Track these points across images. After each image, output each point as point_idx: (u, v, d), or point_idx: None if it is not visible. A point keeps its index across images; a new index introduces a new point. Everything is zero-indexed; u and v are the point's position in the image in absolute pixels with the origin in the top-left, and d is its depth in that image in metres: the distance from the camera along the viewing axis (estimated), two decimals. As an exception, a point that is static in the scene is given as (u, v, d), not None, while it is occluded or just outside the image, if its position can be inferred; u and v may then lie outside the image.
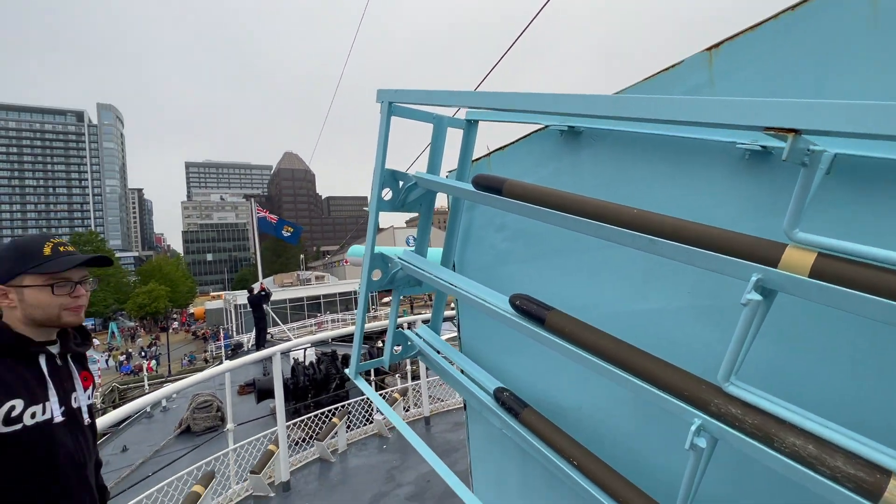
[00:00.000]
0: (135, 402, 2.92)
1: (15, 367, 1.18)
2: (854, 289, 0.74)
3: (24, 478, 1.13)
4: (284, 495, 3.57)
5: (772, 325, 1.08)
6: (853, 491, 0.75)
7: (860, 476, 0.75)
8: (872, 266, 0.74)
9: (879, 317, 0.72)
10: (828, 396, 0.97)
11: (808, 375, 1.04)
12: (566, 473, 1.31)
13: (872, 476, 0.74)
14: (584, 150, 1.50)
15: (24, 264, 1.21)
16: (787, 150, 0.71)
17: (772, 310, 1.03)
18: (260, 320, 10.92)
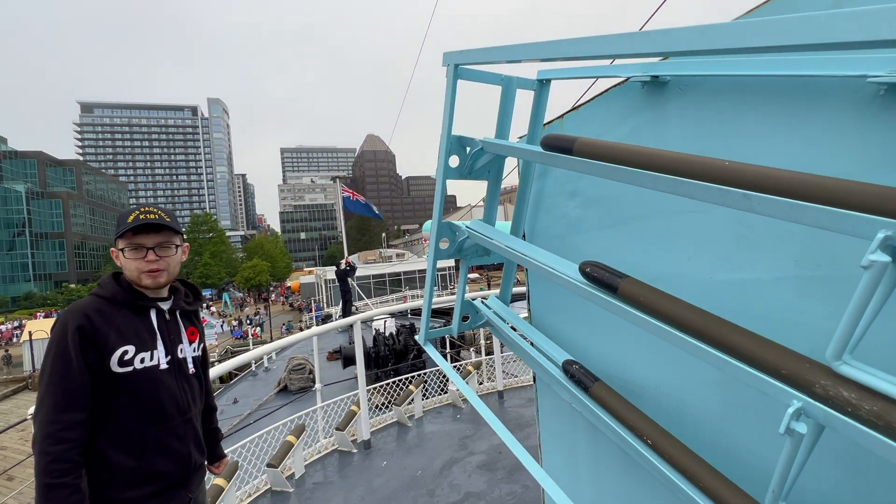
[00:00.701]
0: (240, 356, 3.32)
1: (130, 318, 1.37)
2: None
3: (134, 414, 1.33)
4: (366, 452, 3.84)
5: None
6: None
7: None
8: None
9: None
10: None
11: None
12: (639, 453, 1.23)
13: None
14: (671, 103, 1.34)
15: (117, 230, 1.39)
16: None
17: None
18: (346, 293, 11.71)
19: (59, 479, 1.18)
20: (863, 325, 0.75)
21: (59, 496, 1.18)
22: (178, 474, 1.40)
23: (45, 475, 1.18)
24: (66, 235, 60.06)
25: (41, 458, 1.19)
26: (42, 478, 1.19)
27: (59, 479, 1.18)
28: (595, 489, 1.74)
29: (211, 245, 54.95)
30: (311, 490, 3.30)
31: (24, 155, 59.88)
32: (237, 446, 3.32)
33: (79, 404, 1.24)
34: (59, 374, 1.23)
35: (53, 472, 1.18)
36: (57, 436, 1.20)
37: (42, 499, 1.18)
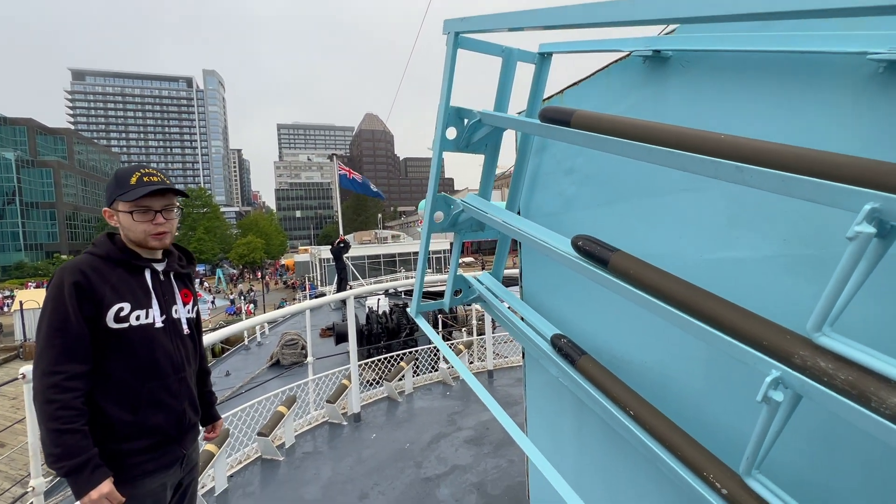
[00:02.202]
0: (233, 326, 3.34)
1: (125, 277, 1.37)
2: None
3: (129, 369, 1.34)
4: (356, 425, 3.91)
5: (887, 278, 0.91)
6: (974, 463, 0.63)
7: None
8: None
9: None
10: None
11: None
12: (622, 424, 1.26)
13: None
14: (672, 79, 1.33)
15: (117, 191, 1.38)
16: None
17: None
18: (341, 270, 11.71)
19: (68, 425, 1.20)
20: (844, 297, 0.77)
21: (69, 441, 1.20)
22: (173, 430, 1.42)
23: (53, 421, 1.20)
24: (57, 205, 59.22)
25: (47, 406, 1.20)
26: (49, 424, 1.20)
27: (68, 425, 1.20)
28: (578, 461, 1.78)
29: (205, 220, 54.44)
30: (300, 459, 3.36)
31: (13, 122, 58.49)
32: (228, 414, 3.36)
33: (79, 356, 1.25)
34: (58, 326, 1.24)
35: (61, 417, 1.20)
36: (61, 385, 1.21)
37: (52, 445, 1.20)
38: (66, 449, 1.21)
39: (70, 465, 1.21)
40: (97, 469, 1.24)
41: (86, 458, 1.23)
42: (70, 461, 1.21)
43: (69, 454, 1.21)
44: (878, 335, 0.94)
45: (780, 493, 0.93)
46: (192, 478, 1.61)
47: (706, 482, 1.03)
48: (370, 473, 3.09)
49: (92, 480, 1.22)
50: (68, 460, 1.20)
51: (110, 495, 1.24)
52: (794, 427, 1.06)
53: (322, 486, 2.96)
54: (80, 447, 1.22)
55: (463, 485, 2.89)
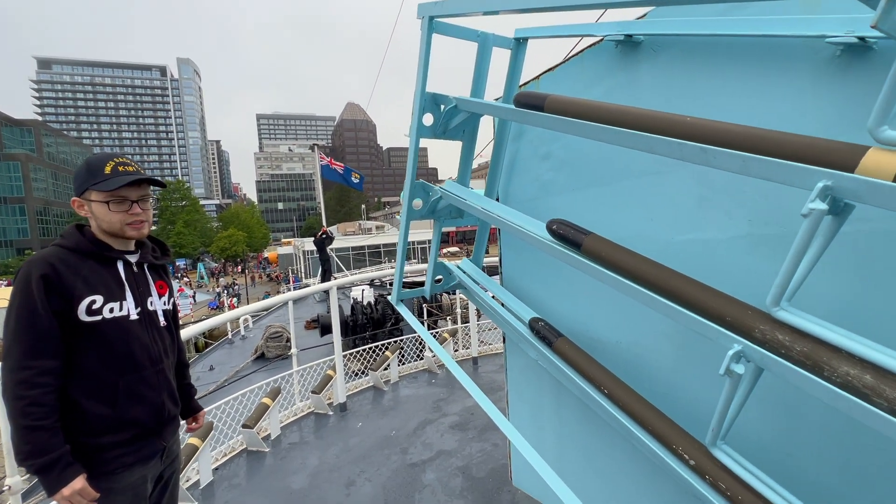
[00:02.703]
0: (216, 317, 3.30)
1: (96, 269, 1.34)
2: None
3: (105, 363, 1.32)
4: (341, 414, 3.92)
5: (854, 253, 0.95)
6: (914, 425, 0.67)
7: (924, 410, 0.66)
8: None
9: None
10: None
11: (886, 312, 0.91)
12: (598, 403, 1.30)
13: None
14: (644, 64, 1.35)
15: (89, 180, 1.35)
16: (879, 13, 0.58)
17: (854, 236, 0.91)
18: (325, 262, 11.62)
19: (37, 422, 1.18)
20: (801, 272, 0.80)
21: (39, 438, 1.18)
22: (152, 422, 1.41)
23: (22, 418, 1.17)
24: (26, 200, 57.05)
25: (16, 402, 1.18)
26: (19, 420, 1.17)
27: (37, 422, 1.18)
28: (558, 440, 1.83)
29: (184, 214, 53.14)
30: (286, 450, 3.36)
31: (-25, 113, 56.01)
32: (212, 407, 3.34)
33: (49, 352, 1.22)
34: (26, 322, 1.20)
35: (31, 414, 1.17)
36: (30, 381, 1.18)
37: (22, 442, 1.17)
38: (36, 446, 1.19)
39: (40, 462, 1.18)
40: (69, 466, 1.22)
41: (56, 455, 1.21)
42: (40, 458, 1.18)
43: (39, 451, 1.19)
44: (845, 310, 0.98)
45: (743, 461, 0.98)
46: (174, 469, 1.60)
47: (675, 454, 1.07)
48: (356, 461, 3.11)
49: (63, 478, 1.20)
50: (39, 457, 1.18)
51: (83, 491, 1.22)
52: (757, 399, 1.11)
53: (309, 475, 2.97)
54: (50, 444, 1.20)
55: (448, 469, 2.93)
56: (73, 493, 1.21)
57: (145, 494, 1.44)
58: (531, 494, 2.11)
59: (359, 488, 2.78)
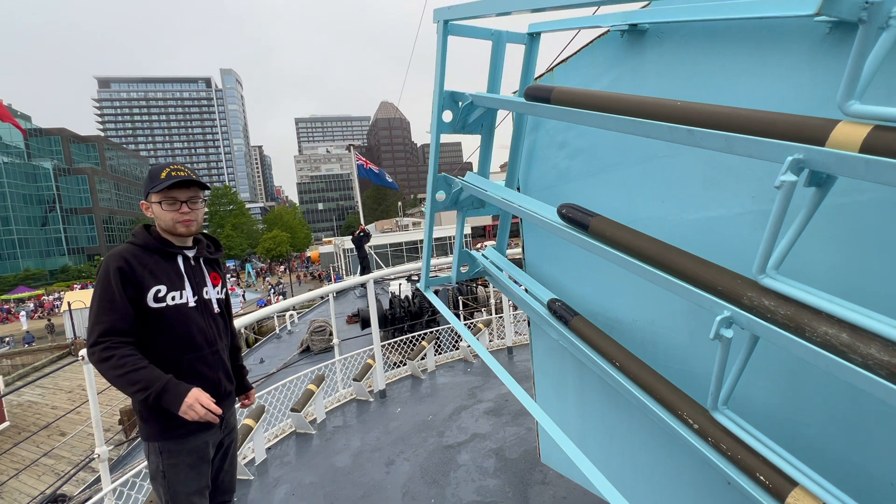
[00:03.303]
0: (264, 309, 3.57)
1: (160, 262, 1.56)
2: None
3: (169, 344, 1.53)
4: (381, 401, 4.12)
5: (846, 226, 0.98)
6: (886, 378, 0.72)
7: (894, 363, 0.71)
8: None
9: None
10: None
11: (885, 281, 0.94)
12: (609, 374, 1.37)
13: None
14: (649, 52, 1.40)
15: (150, 185, 1.56)
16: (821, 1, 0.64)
17: (845, 210, 0.95)
18: (363, 259, 12.04)
19: (135, 366, 1.40)
20: (787, 242, 0.86)
21: (143, 375, 1.40)
22: (211, 396, 1.62)
23: (118, 369, 1.39)
24: (94, 210, 62.12)
25: (105, 363, 1.39)
26: (117, 372, 1.39)
27: (135, 366, 1.40)
28: (581, 416, 1.91)
29: (232, 217, 56.07)
30: (331, 432, 3.60)
31: (48, 132, 61.25)
32: (263, 392, 3.63)
33: (125, 329, 1.45)
34: (107, 304, 1.43)
35: (125, 364, 1.39)
36: (110, 347, 1.41)
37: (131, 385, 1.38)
38: (144, 380, 1.40)
39: (155, 388, 1.40)
40: (179, 384, 1.45)
41: (165, 380, 1.43)
42: (154, 385, 1.40)
43: (150, 382, 1.40)
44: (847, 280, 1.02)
45: (744, 424, 1.04)
46: (232, 439, 1.81)
47: (680, 419, 1.14)
48: (396, 443, 3.29)
49: (180, 392, 1.43)
50: (153, 385, 1.40)
51: (200, 397, 1.44)
52: (763, 368, 1.16)
53: (352, 455, 3.18)
54: (154, 375, 1.42)
55: (482, 451, 3.05)
56: (195, 400, 1.43)
57: (208, 457, 1.65)
58: (558, 470, 2.20)
59: (398, 467, 2.96)
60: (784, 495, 0.93)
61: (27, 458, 11.04)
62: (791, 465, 0.95)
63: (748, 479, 1.00)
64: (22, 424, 13.84)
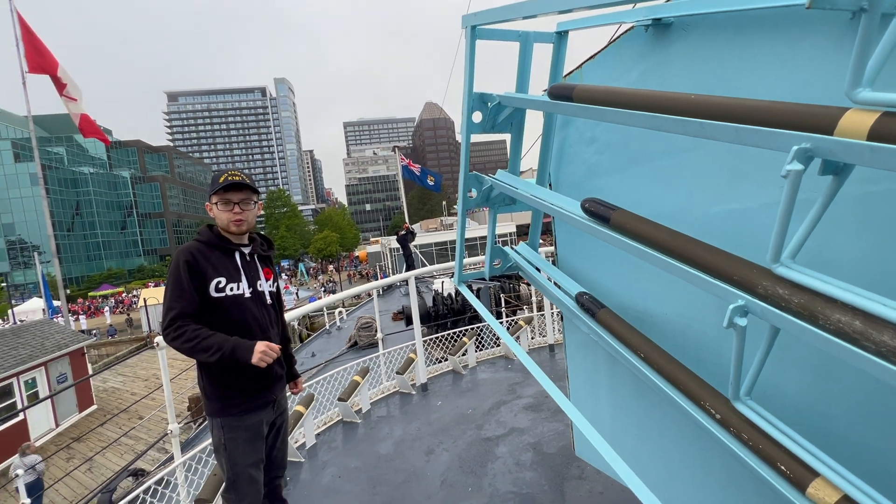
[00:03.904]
0: (312, 304, 3.80)
1: (221, 257, 1.75)
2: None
3: (228, 330, 1.71)
4: (423, 394, 4.26)
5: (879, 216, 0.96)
6: (898, 364, 0.72)
7: (907, 349, 0.71)
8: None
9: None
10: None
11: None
12: (634, 365, 1.39)
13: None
14: (675, 45, 1.40)
15: (212, 188, 1.76)
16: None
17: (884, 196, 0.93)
18: (408, 257, 12.34)
19: (205, 337, 1.61)
20: (804, 230, 0.87)
21: (213, 341, 1.62)
22: (264, 379, 1.79)
23: (191, 341, 1.60)
24: (165, 215, 67.67)
25: (179, 339, 1.61)
26: (191, 344, 1.60)
27: (205, 337, 1.61)
28: (612, 411, 1.92)
29: (286, 219, 59.01)
30: (375, 422, 3.77)
31: (125, 144, 67.52)
32: (312, 382, 3.86)
33: (192, 315, 1.65)
34: (177, 292, 1.64)
35: (196, 337, 1.61)
36: (181, 325, 1.62)
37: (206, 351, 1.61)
38: (217, 345, 1.62)
39: (228, 347, 1.62)
40: (245, 341, 1.66)
41: (233, 340, 1.65)
42: (226, 345, 1.62)
43: (221, 344, 1.62)
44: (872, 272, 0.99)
45: (765, 413, 1.04)
46: (283, 420, 1.99)
47: (703, 409, 1.15)
48: (436, 433, 3.41)
49: (248, 347, 1.65)
50: (224, 346, 1.62)
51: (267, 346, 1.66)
52: (793, 360, 1.15)
53: (394, 443, 3.33)
54: (223, 338, 1.64)
55: (520, 444, 3.10)
56: (263, 350, 1.65)
57: (262, 434, 1.83)
58: (592, 463, 2.21)
59: (437, 456, 3.06)
60: (805, 485, 0.93)
61: (111, 438, 12.30)
62: (813, 456, 0.95)
63: (769, 468, 1.00)
64: (107, 408, 15.38)
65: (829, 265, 1.08)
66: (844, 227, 1.04)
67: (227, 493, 1.76)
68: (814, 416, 1.12)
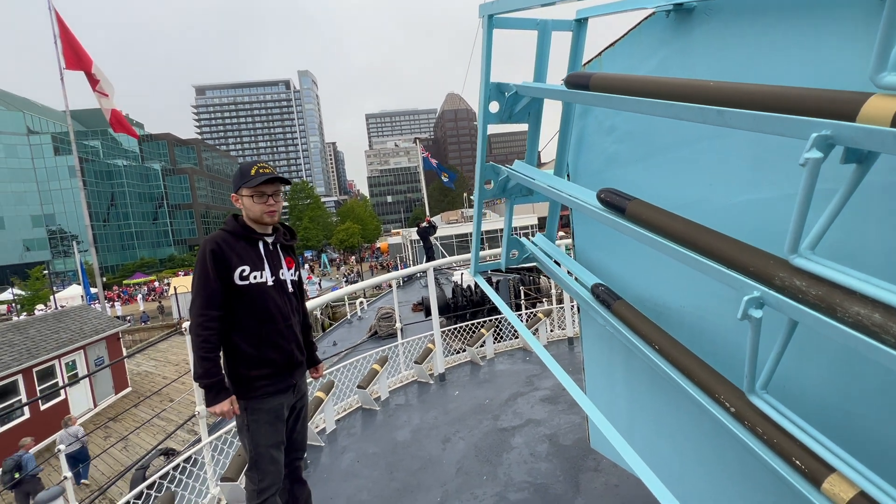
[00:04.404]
0: (336, 292, 3.89)
1: (245, 247, 1.81)
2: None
3: (251, 317, 1.78)
4: (441, 384, 4.31)
5: None
6: (919, 358, 0.70)
7: (929, 342, 0.69)
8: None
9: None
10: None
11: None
12: (649, 357, 1.38)
13: (943, 342, 0.68)
14: (696, 31, 1.37)
15: (241, 180, 1.81)
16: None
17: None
18: (429, 250, 12.41)
19: (207, 354, 1.69)
20: (824, 221, 0.84)
21: (207, 366, 1.70)
22: (285, 363, 1.86)
23: (198, 350, 1.70)
24: (193, 206, 69.80)
25: (197, 338, 1.70)
26: (197, 351, 1.70)
27: (207, 354, 1.69)
28: (628, 403, 1.90)
29: (309, 211, 59.94)
30: (393, 409, 3.84)
31: (156, 137, 69.76)
32: (333, 369, 3.96)
33: (216, 304, 1.72)
34: (202, 282, 1.71)
35: (204, 348, 1.69)
36: (205, 325, 1.69)
37: (197, 366, 1.71)
38: (205, 371, 1.70)
39: (206, 382, 1.71)
40: (222, 391, 1.74)
41: (216, 380, 1.72)
42: (207, 380, 1.71)
43: (207, 375, 1.71)
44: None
45: (781, 408, 1.02)
46: (303, 404, 2.05)
47: (718, 402, 1.14)
48: (453, 423, 3.45)
49: (218, 397, 1.73)
50: (206, 379, 1.71)
51: (227, 412, 1.74)
52: (815, 355, 1.12)
53: (412, 431, 3.39)
54: (212, 372, 1.72)
55: (536, 436, 3.11)
56: (222, 412, 1.72)
57: (283, 417, 1.89)
58: (607, 456, 2.20)
59: (453, 445, 3.11)
60: (820, 480, 0.91)
61: (144, 419, 12.89)
62: (829, 451, 0.93)
63: (784, 463, 0.99)
64: (140, 390, 16.10)
65: (854, 258, 1.05)
66: (871, 218, 1.00)
67: (250, 471, 1.83)
68: (835, 412, 1.09)
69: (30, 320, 15.09)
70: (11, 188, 51.79)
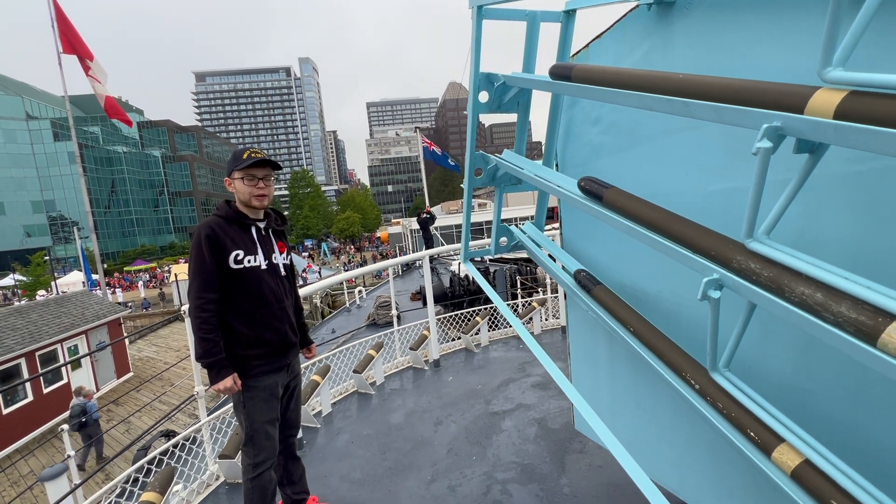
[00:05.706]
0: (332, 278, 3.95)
1: (238, 231, 1.87)
2: (880, 125, 0.69)
3: (246, 299, 1.84)
4: (435, 370, 4.39)
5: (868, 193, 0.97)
6: (852, 334, 0.76)
7: (861, 320, 0.75)
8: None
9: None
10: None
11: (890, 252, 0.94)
12: (624, 339, 1.45)
13: (873, 320, 0.74)
14: (677, 24, 1.41)
15: (233, 164, 1.86)
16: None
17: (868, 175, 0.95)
18: (428, 240, 12.47)
19: (207, 335, 1.76)
20: (779, 208, 0.90)
21: (207, 346, 1.76)
22: (279, 343, 1.92)
23: (199, 331, 1.76)
24: (194, 193, 69.71)
25: (196, 319, 1.76)
26: (197, 332, 1.77)
27: (207, 335, 1.76)
28: (610, 386, 1.98)
29: (310, 199, 59.87)
30: (388, 394, 3.93)
31: (156, 124, 69.37)
32: (329, 354, 4.04)
33: (212, 287, 1.78)
34: (199, 265, 1.77)
35: (203, 329, 1.75)
36: (203, 307, 1.76)
37: (198, 347, 1.78)
38: (206, 351, 1.76)
39: (208, 361, 1.78)
40: (224, 368, 1.80)
41: (218, 359, 1.78)
42: (208, 359, 1.77)
43: (208, 354, 1.77)
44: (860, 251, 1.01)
45: (740, 384, 1.09)
46: (296, 384, 2.13)
47: (684, 380, 1.20)
48: (445, 407, 3.54)
49: (220, 375, 1.79)
50: (207, 358, 1.77)
51: (230, 389, 1.81)
52: (778, 339, 1.18)
53: (405, 414, 3.48)
54: (214, 351, 1.77)
55: (526, 419, 3.20)
56: (225, 388, 1.77)
57: (278, 395, 1.97)
58: (590, 437, 2.28)
59: (445, 427, 3.20)
60: (771, 450, 0.98)
61: (145, 402, 13.07)
62: (781, 424, 0.99)
63: (740, 434, 1.06)
64: (142, 375, 16.30)
65: (816, 244, 1.10)
66: (832, 207, 1.06)
67: (246, 446, 1.91)
68: (795, 391, 1.16)
69: (32, 305, 15.22)
70: (11, 173, 51.67)
